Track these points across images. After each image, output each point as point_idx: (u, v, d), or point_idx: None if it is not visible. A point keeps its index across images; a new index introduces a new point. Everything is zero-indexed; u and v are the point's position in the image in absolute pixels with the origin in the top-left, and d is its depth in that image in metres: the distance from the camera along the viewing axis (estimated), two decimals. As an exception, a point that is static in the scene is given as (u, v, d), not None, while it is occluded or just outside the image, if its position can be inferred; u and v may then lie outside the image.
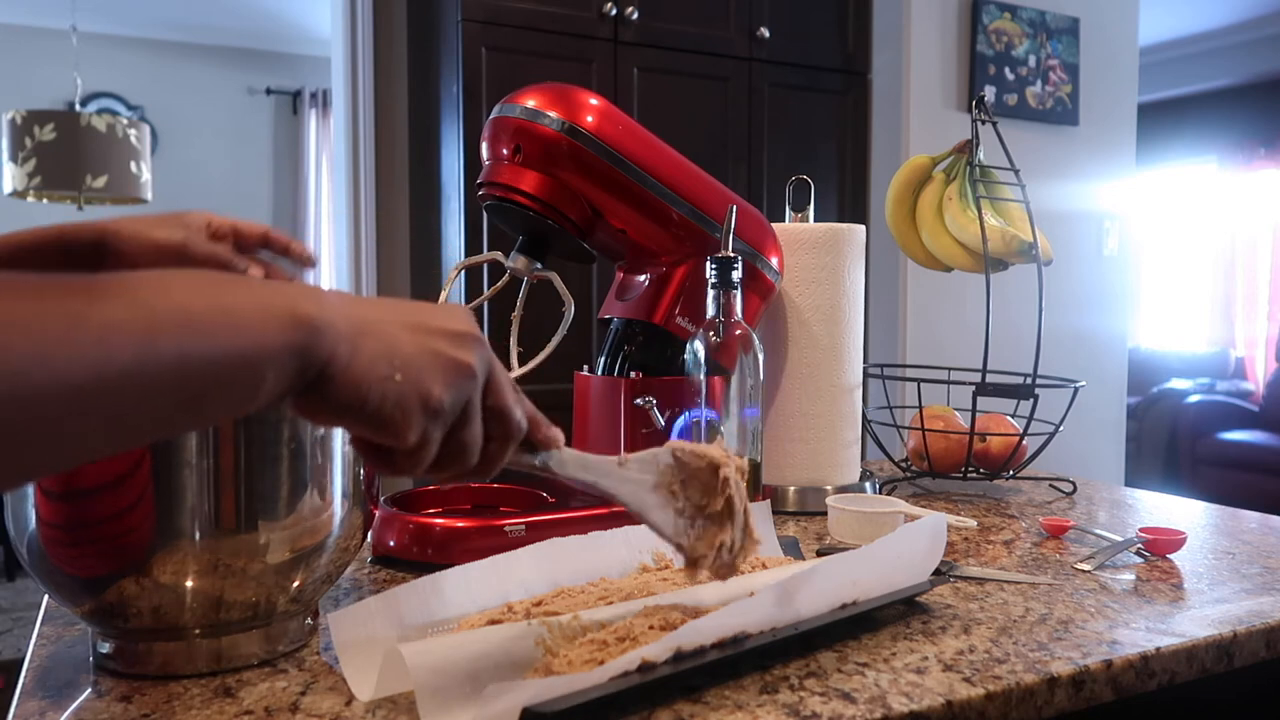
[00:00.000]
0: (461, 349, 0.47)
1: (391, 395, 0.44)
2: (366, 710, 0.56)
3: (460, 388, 0.47)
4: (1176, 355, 6.00)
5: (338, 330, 0.42)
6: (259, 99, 5.74)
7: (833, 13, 2.80)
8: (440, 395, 0.46)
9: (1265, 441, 4.69)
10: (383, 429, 0.44)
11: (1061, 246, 2.86)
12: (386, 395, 0.44)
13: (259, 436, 0.59)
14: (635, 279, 1.07)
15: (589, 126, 0.94)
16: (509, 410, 0.50)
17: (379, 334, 0.44)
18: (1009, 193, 1.25)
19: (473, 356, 0.47)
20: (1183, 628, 0.70)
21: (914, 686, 0.59)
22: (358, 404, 0.43)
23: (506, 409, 0.50)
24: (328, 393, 0.42)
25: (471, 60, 2.34)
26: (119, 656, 0.62)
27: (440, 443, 0.47)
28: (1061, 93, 2.95)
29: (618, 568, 0.74)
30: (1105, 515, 1.08)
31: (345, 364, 0.43)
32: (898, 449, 1.34)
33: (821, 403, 1.11)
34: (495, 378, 0.49)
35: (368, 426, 0.44)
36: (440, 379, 0.46)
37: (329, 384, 0.42)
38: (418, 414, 0.45)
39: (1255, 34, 5.37)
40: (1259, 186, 5.85)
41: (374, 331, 0.44)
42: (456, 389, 0.47)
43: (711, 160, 2.54)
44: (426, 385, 0.45)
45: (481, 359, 0.48)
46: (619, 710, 0.55)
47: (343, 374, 0.42)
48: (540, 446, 0.54)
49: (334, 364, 0.42)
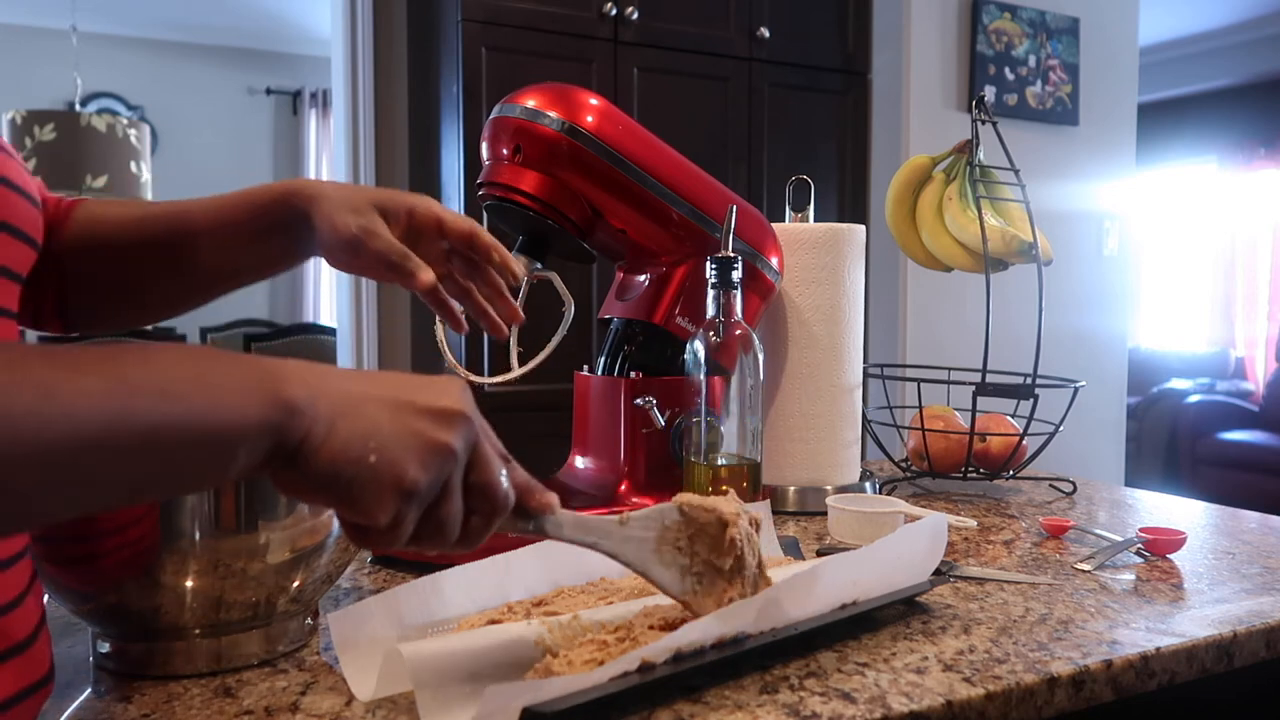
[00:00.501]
0: (444, 429, 0.47)
1: (364, 476, 0.44)
2: (366, 710, 0.56)
3: (438, 468, 0.47)
4: (1176, 355, 6.00)
5: (316, 410, 0.43)
6: (259, 99, 5.74)
7: (833, 13, 2.80)
8: (415, 477, 0.46)
9: (1265, 441, 4.69)
10: (355, 509, 0.45)
11: (1061, 246, 2.86)
12: (359, 476, 0.44)
13: (259, 436, 0.59)
14: (635, 279, 1.07)
15: (589, 126, 0.94)
16: (493, 486, 0.50)
17: (359, 414, 0.45)
18: (1009, 193, 1.25)
19: (454, 436, 0.47)
20: (1183, 628, 0.70)
21: (914, 686, 0.59)
22: (330, 483, 0.44)
23: (491, 485, 0.50)
24: (303, 471, 0.44)
25: (471, 60, 2.34)
26: (119, 656, 0.62)
27: (417, 521, 0.47)
28: (1061, 93, 2.95)
29: (618, 568, 0.74)
30: (1105, 515, 1.08)
31: (319, 444, 0.43)
32: (898, 449, 1.34)
33: (821, 403, 1.11)
34: (480, 454, 0.49)
35: (341, 505, 0.45)
36: (416, 459, 0.46)
37: (304, 463, 0.43)
38: (390, 495, 0.45)
39: (1255, 34, 5.37)
40: (1259, 186, 5.85)
41: (354, 412, 0.45)
42: (434, 469, 0.46)
43: (711, 160, 2.54)
44: (401, 467, 0.45)
45: (464, 438, 0.48)
46: (619, 710, 0.55)
47: (316, 454, 0.43)
48: (534, 513, 0.54)
49: (308, 444, 0.43)
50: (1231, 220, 6.00)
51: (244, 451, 0.41)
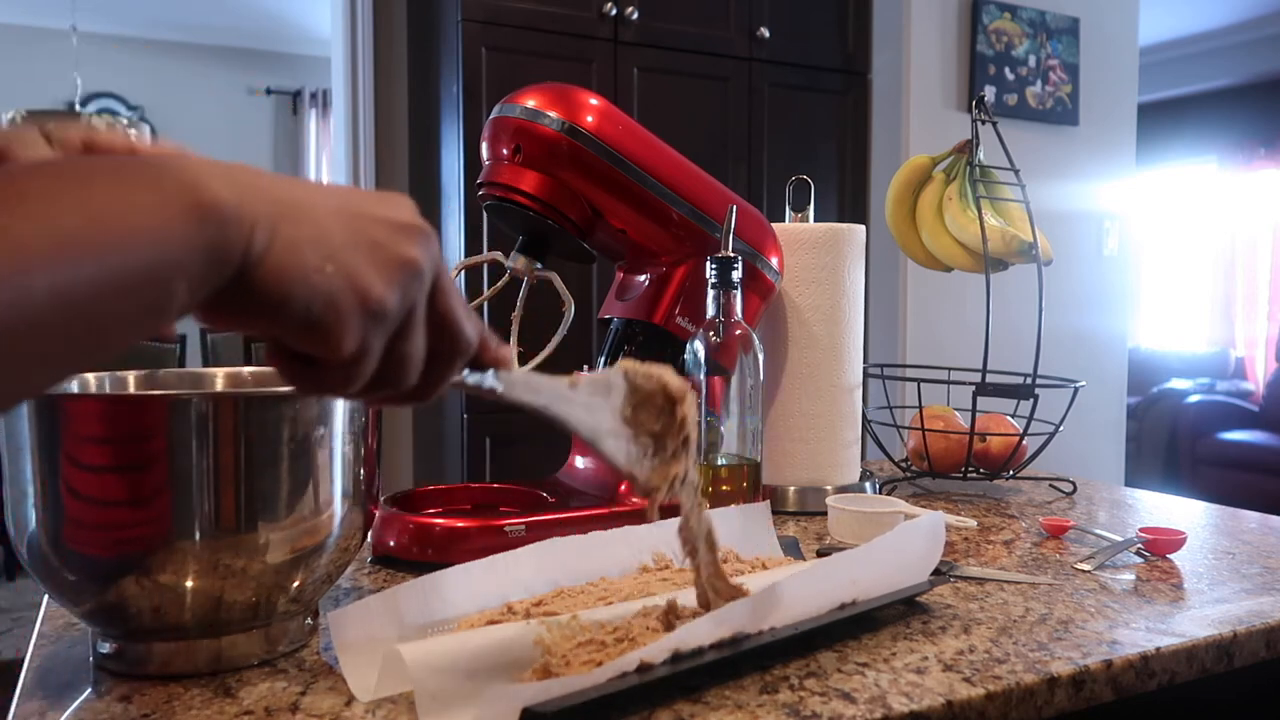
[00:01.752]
0: (406, 242, 0.40)
1: (322, 291, 0.36)
2: (366, 710, 0.56)
3: (405, 287, 0.39)
4: (1176, 355, 6.01)
5: (252, 212, 0.35)
6: (259, 99, 5.74)
7: (833, 13, 2.80)
8: (381, 294, 0.38)
9: (1265, 441, 4.69)
10: (313, 333, 0.37)
11: (1061, 246, 2.86)
12: (316, 291, 0.36)
13: (259, 436, 0.59)
14: (635, 279, 1.07)
15: (589, 126, 0.94)
16: (458, 321, 0.43)
17: (304, 218, 0.37)
18: (1009, 193, 1.25)
19: (419, 251, 0.40)
20: (1183, 628, 0.70)
21: (914, 686, 0.59)
22: (280, 301, 0.36)
23: (455, 319, 0.43)
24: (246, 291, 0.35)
25: (471, 60, 2.34)
26: (119, 656, 0.62)
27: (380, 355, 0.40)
28: (1061, 93, 2.95)
29: (618, 568, 0.74)
30: (1105, 515, 1.08)
31: (261, 254, 0.35)
32: (898, 449, 1.34)
33: (821, 403, 1.11)
34: (442, 282, 0.42)
35: (295, 330, 0.37)
36: (381, 275, 0.38)
37: (247, 280, 0.35)
38: (355, 315, 0.37)
39: (1255, 34, 5.38)
40: (1259, 186, 5.85)
41: (297, 215, 0.37)
42: (401, 288, 0.39)
43: (711, 160, 2.54)
44: (364, 280, 0.38)
45: (429, 256, 0.41)
46: (619, 710, 0.55)
47: (259, 267, 0.35)
48: (488, 365, 0.48)
49: (250, 255, 0.35)
50: (1231, 220, 6.00)
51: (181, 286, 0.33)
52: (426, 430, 2.71)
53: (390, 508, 0.90)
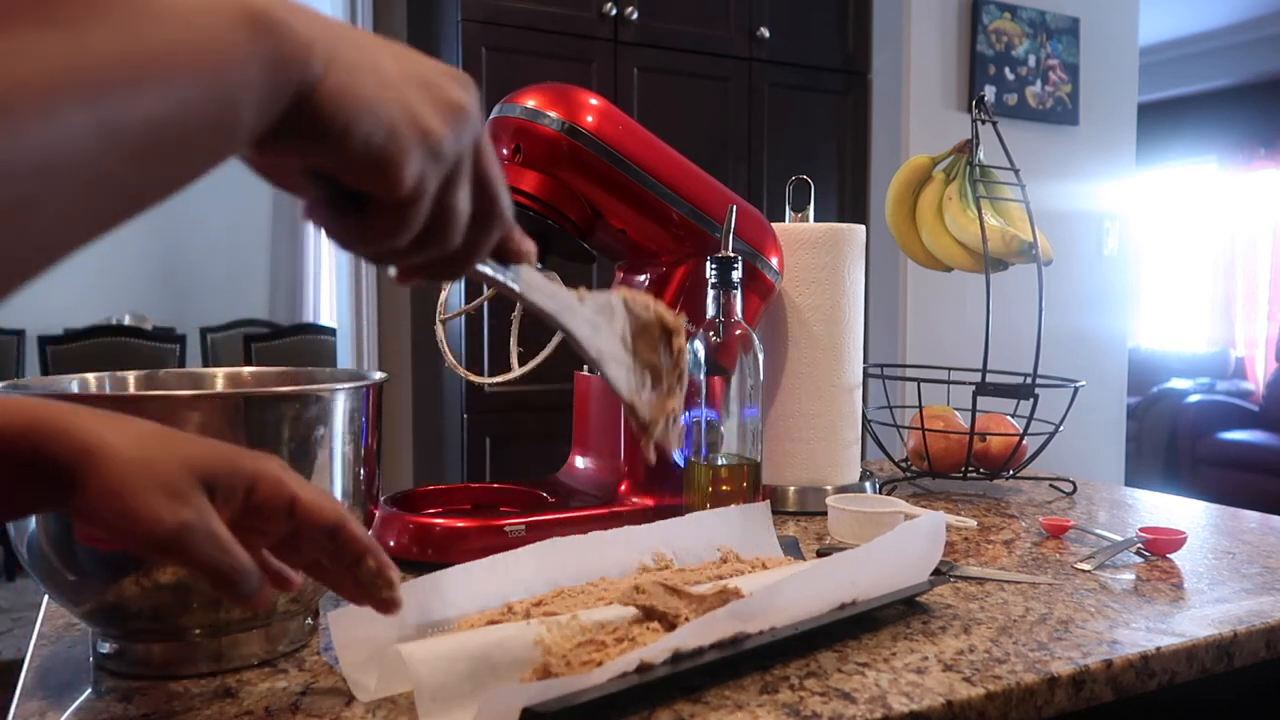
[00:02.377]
0: (456, 85, 0.38)
1: (385, 119, 0.34)
2: (366, 710, 0.56)
3: (458, 130, 0.37)
4: (1176, 355, 6.01)
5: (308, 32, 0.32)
6: (259, 99, 5.73)
7: (833, 13, 2.80)
8: (440, 130, 0.36)
9: (1265, 441, 4.69)
10: (374, 165, 0.35)
11: (1061, 246, 2.86)
12: (379, 118, 0.34)
13: (259, 436, 0.59)
14: (635, 279, 1.07)
15: (589, 126, 0.94)
16: (499, 182, 0.41)
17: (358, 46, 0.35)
18: (1009, 193, 1.25)
19: (469, 98, 0.38)
20: (1183, 628, 0.70)
21: (914, 686, 0.59)
22: (343, 127, 0.33)
23: (498, 180, 0.41)
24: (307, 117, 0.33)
25: (471, 60, 2.34)
26: (119, 656, 0.62)
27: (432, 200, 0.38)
28: (1061, 93, 2.95)
29: (618, 568, 0.74)
30: (1105, 515, 1.08)
31: (322, 74, 0.33)
32: (898, 449, 1.34)
33: (821, 403, 1.11)
34: (483, 141, 0.40)
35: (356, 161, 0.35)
36: (436, 112, 0.36)
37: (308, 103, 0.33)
38: (415, 149, 0.35)
39: (1255, 34, 5.38)
40: (1259, 186, 5.85)
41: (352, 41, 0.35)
42: (455, 128, 0.37)
43: (711, 160, 2.54)
44: (423, 116, 0.36)
45: (476, 103, 0.39)
46: (619, 710, 0.55)
47: (321, 87, 0.33)
48: (510, 258, 0.46)
49: (310, 73, 0.32)
50: (1231, 220, 6.00)
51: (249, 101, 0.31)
52: (426, 430, 2.71)
53: (390, 508, 0.90)
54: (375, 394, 0.68)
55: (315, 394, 0.62)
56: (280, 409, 0.60)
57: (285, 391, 0.61)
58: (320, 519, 0.49)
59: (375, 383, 0.68)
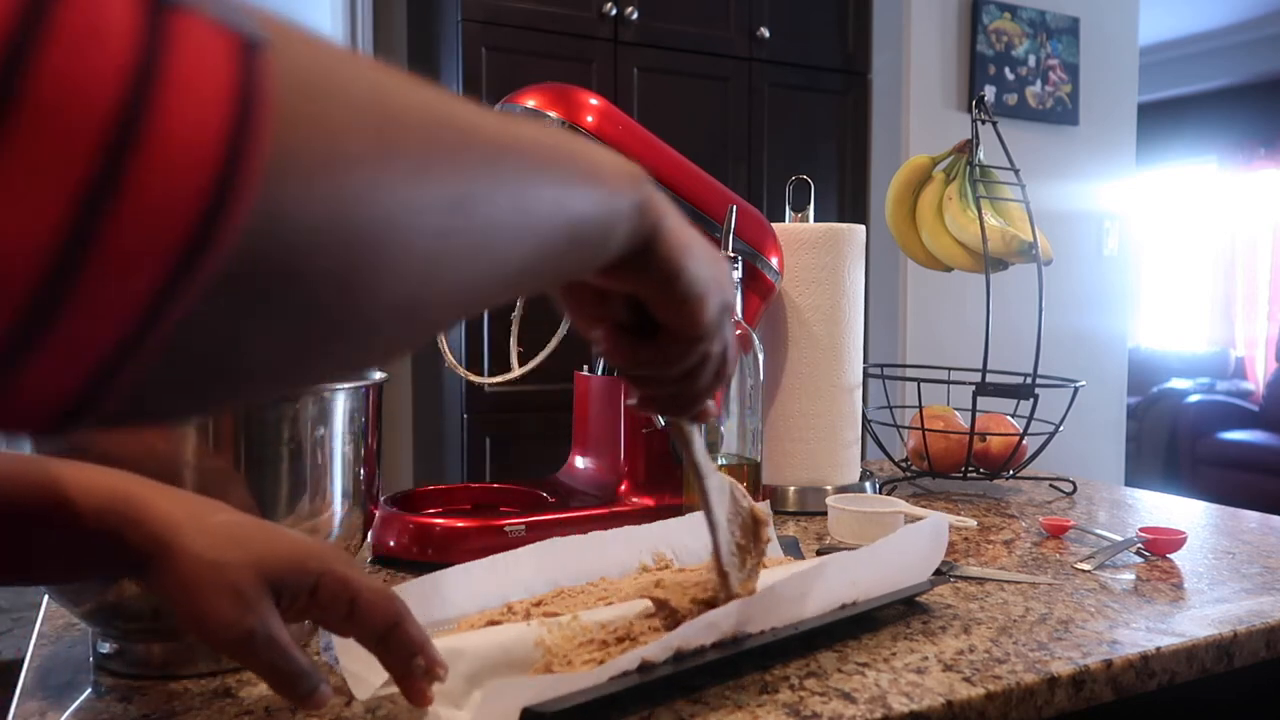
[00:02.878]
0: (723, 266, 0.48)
1: (701, 270, 0.44)
2: (366, 710, 0.56)
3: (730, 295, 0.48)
4: (1176, 355, 6.00)
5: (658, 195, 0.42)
6: (259, 99, 5.74)
7: (833, 13, 2.80)
8: (731, 293, 0.47)
9: (1265, 441, 4.68)
10: (687, 304, 0.44)
11: (1061, 246, 2.86)
12: (700, 269, 0.44)
13: (259, 436, 0.59)
14: (635, 279, 1.07)
15: (589, 126, 0.94)
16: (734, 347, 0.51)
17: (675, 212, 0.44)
18: (1009, 193, 1.25)
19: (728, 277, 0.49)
20: (1183, 627, 0.70)
21: (914, 686, 0.59)
22: (675, 270, 0.42)
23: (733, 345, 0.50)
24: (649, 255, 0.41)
25: (471, 60, 2.34)
26: (119, 656, 0.62)
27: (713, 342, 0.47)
28: (1061, 93, 2.95)
29: (618, 568, 0.74)
30: (1105, 515, 1.08)
31: (660, 225, 0.42)
32: (898, 449, 1.34)
33: (821, 403, 1.11)
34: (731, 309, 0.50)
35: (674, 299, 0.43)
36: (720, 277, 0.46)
37: (655, 245, 0.41)
38: (717, 301, 0.45)
39: (1255, 34, 5.38)
40: (1259, 186, 5.85)
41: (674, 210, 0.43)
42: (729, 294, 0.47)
43: (711, 160, 2.54)
44: (721, 278, 0.46)
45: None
46: (619, 710, 0.55)
47: (662, 236, 0.41)
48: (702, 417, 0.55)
49: (662, 225, 0.41)
50: (1231, 220, 6.00)
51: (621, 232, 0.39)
52: (426, 430, 2.71)
53: (390, 508, 0.90)
54: (375, 394, 0.68)
55: (315, 394, 0.62)
56: (280, 409, 0.60)
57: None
58: (378, 619, 0.51)
59: (375, 383, 0.68)
